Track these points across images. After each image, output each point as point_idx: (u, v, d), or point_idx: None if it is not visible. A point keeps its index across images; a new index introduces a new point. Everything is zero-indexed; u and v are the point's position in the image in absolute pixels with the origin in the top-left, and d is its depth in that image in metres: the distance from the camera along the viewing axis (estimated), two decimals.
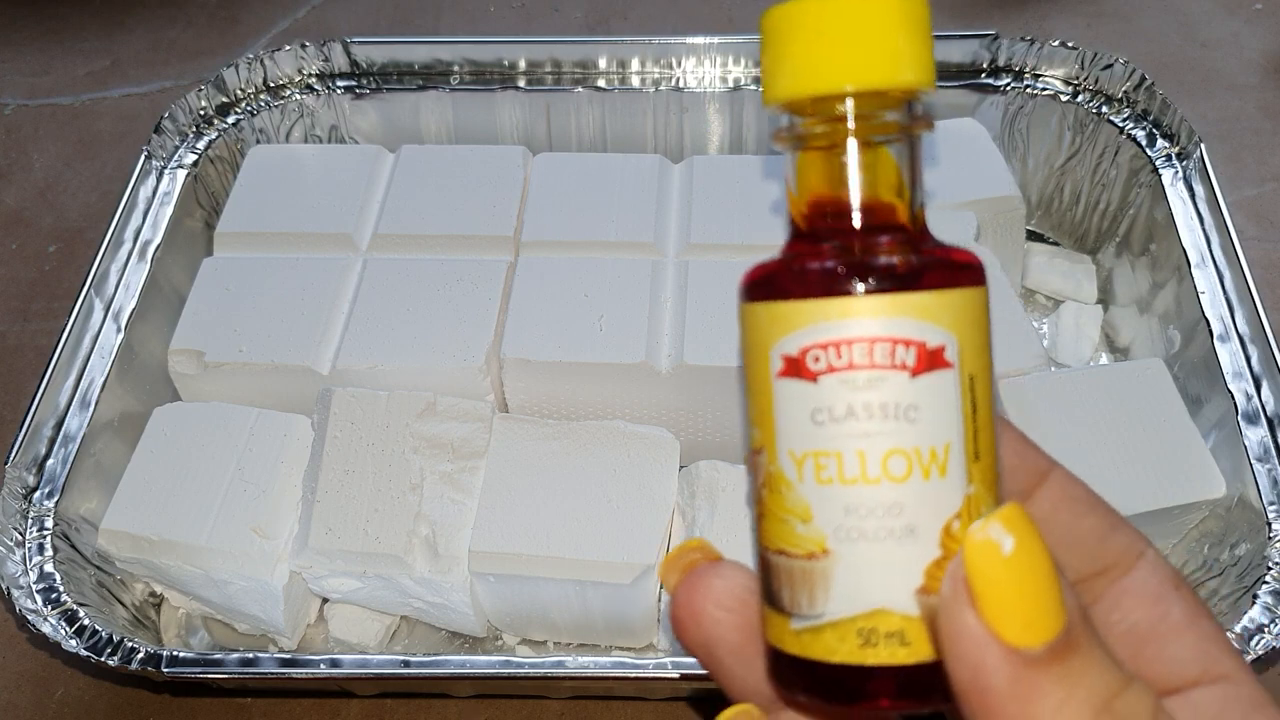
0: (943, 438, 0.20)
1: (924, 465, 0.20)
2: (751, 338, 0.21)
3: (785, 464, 0.21)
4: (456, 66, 0.64)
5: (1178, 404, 0.48)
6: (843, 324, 0.20)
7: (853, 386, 0.20)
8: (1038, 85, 0.61)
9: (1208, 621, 0.23)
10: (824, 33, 0.21)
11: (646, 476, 0.46)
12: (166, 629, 0.49)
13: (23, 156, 0.73)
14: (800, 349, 0.20)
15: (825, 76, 0.21)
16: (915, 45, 0.21)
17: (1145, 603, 0.23)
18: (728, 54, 0.62)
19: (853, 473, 0.20)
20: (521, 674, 0.42)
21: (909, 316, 0.20)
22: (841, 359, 0.20)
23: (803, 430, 0.20)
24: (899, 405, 0.20)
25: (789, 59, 0.21)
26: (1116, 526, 0.24)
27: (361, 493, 0.45)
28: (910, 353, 0.20)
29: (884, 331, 0.20)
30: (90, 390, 0.50)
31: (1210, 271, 0.52)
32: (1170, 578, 0.24)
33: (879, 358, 0.20)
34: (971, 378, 0.21)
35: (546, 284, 0.53)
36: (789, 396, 0.21)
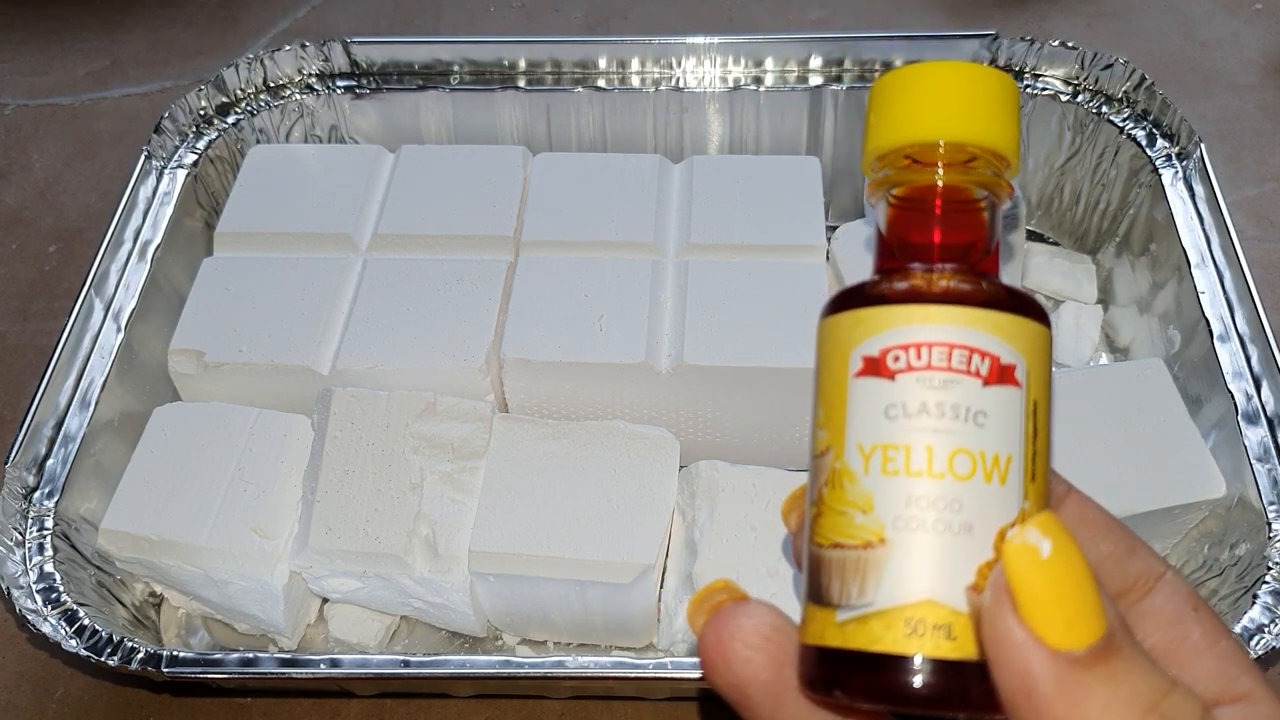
0: (1006, 448, 0.21)
1: (986, 469, 0.21)
2: (831, 345, 0.23)
3: (852, 457, 0.22)
4: (456, 66, 0.64)
5: (1178, 404, 0.48)
6: (925, 328, 0.22)
7: (928, 385, 0.21)
8: (1038, 85, 0.61)
9: (1227, 642, 0.23)
10: (926, 94, 0.24)
11: (646, 476, 0.46)
12: (166, 629, 0.49)
13: (23, 156, 0.73)
14: (881, 349, 0.22)
15: (929, 125, 0.24)
16: (1002, 118, 0.24)
17: (1164, 624, 0.23)
18: (728, 54, 0.62)
19: (919, 465, 0.21)
20: (521, 674, 0.42)
21: (987, 331, 0.21)
22: (920, 360, 0.21)
23: (875, 424, 0.22)
24: (970, 409, 0.21)
25: (894, 115, 0.24)
26: (1134, 549, 0.24)
27: (361, 493, 0.45)
28: (985, 363, 0.21)
29: (963, 339, 0.21)
30: (90, 390, 0.50)
31: (1210, 271, 0.52)
32: (1189, 599, 0.24)
33: (956, 362, 0.21)
34: (1035, 403, 0.22)
35: (546, 284, 0.53)
36: (864, 393, 0.22)
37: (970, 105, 0.24)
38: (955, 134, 0.23)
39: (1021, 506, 0.21)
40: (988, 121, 0.24)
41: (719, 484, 0.46)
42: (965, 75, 0.24)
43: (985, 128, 0.24)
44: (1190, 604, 0.24)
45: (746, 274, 0.52)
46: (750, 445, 0.52)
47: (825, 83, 0.62)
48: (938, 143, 0.24)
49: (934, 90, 0.24)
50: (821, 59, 0.62)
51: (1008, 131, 0.24)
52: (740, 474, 0.46)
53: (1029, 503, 0.21)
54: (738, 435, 0.52)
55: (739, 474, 0.46)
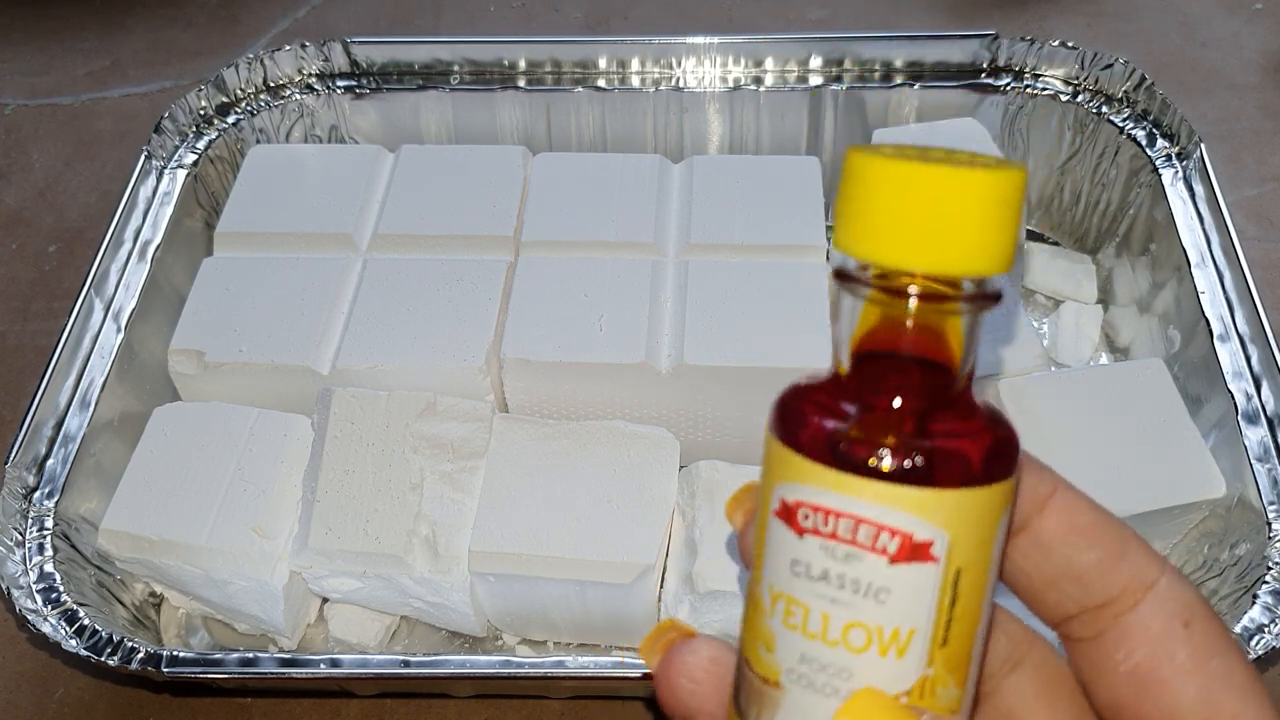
0: (908, 623, 0.20)
1: (883, 643, 0.20)
2: (765, 463, 0.22)
3: (764, 593, 0.21)
4: (456, 66, 0.64)
5: (1178, 404, 0.48)
6: (836, 495, 0.20)
7: (831, 555, 0.20)
8: (1038, 85, 0.61)
9: (1219, 661, 0.22)
10: (912, 203, 0.20)
11: (646, 476, 0.46)
12: (166, 629, 0.49)
13: (23, 156, 0.73)
14: (795, 501, 0.21)
15: (904, 251, 0.20)
16: (1003, 233, 0.20)
17: (1149, 642, 0.22)
18: (728, 54, 0.62)
19: (814, 629, 0.21)
20: (521, 674, 0.42)
21: (902, 509, 0.20)
22: (826, 526, 0.20)
23: (782, 573, 0.21)
24: (871, 585, 0.20)
25: (872, 216, 0.20)
26: (1125, 553, 0.23)
27: (361, 493, 0.45)
28: (894, 541, 0.20)
29: (872, 516, 0.20)
30: (90, 390, 0.50)
31: (1210, 271, 0.52)
32: (1180, 612, 0.22)
33: (861, 537, 0.20)
34: (959, 571, 0.21)
35: (546, 284, 0.53)
36: (777, 537, 0.21)
37: (964, 227, 0.20)
38: (942, 266, 0.20)
39: (922, 674, 0.21)
40: (984, 244, 0.20)
41: (719, 484, 0.46)
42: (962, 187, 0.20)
43: (981, 253, 0.20)
44: (1183, 617, 0.22)
45: (746, 274, 0.52)
46: (750, 445, 0.52)
47: (825, 83, 0.62)
48: (917, 274, 0.20)
49: (921, 206, 0.20)
50: (821, 59, 0.62)
51: (1006, 249, 0.20)
52: (740, 474, 0.46)
53: (934, 668, 0.21)
54: (738, 435, 0.52)
55: (739, 474, 0.46)
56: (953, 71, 0.62)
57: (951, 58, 0.62)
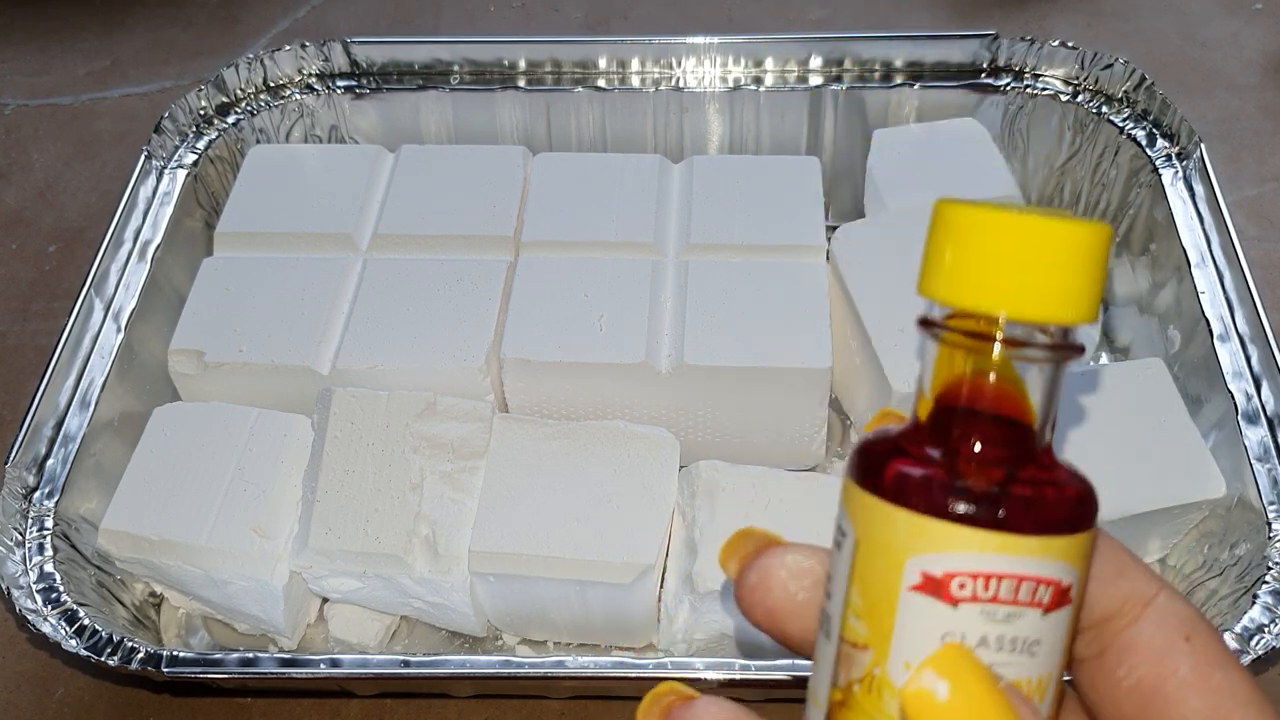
0: (1049, 669, 0.21)
1: (1029, 694, 0.21)
2: (882, 539, 0.21)
3: (896, 672, 0.21)
4: (456, 66, 0.64)
5: (1178, 404, 0.48)
6: (996, 559, 0.20)
7: (992, 619, 0.20)
8: (1038, 85, 0.61)
9: (1223, 674, 0.22)
10: (1002, 250, 0.21)
11: (646, 476, 0.46)
12: (166, 629, 0.49)
13: (23, 156, 0.73)
14: (945, 573, 0.20)
15: (1002, 298, 0.21)
16: (1089, 283, 0.21)
17: (1151, 657, 0.22)
18: (728, 54, 0.62)
19: None
20: (521, 674, 0.42)
21: (1055, 559, 0.20)
22: (988, 591, 0.20)
23: (928, 648, 0.20)
24: (1028, 640, 0.20)
25: (963, 263, 0.21)
26: (1124, 570, 0.23)
27: (361, 493, 0.45)
28: (1048, 592, 0.20)
29: (1034, 571, 0.20)
30: (90, 390, 0.50)
31: (1210, 271, 0.52)
32: (1181, 626, 0.22)
33: (1023, 595, 0.20)
34: (1077, 609, 0.21)
35: (546, 284, 0.53)
36: (920, 612, 0.20)
37: (1057, 276, 0.20)
38: (1036, 313, 0.20)
39: (1046, 715, 0.21)
40: (1075, 294, 0.21)
41: (719, 484, 0.45)
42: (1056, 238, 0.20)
43: (1072, 302, 0.21)
44: (1183, 632, 0.22)
45: (746, 274, 0.52)
46: (750, 445, 0.52)
47: (825, 83, 0.62)
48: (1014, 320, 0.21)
49: (1018, 253, 0.20)
50: (821, 59, 0.62)
51: (1094, 299, 0.21)
52: (740, 474, 0.46)
53: (1051, 708, 0.21)
54: (738, 435, 0.52)
55: (739, 474, 0.46)
56: (953, 71, 0.62)
57: (951, 58, 0.62)
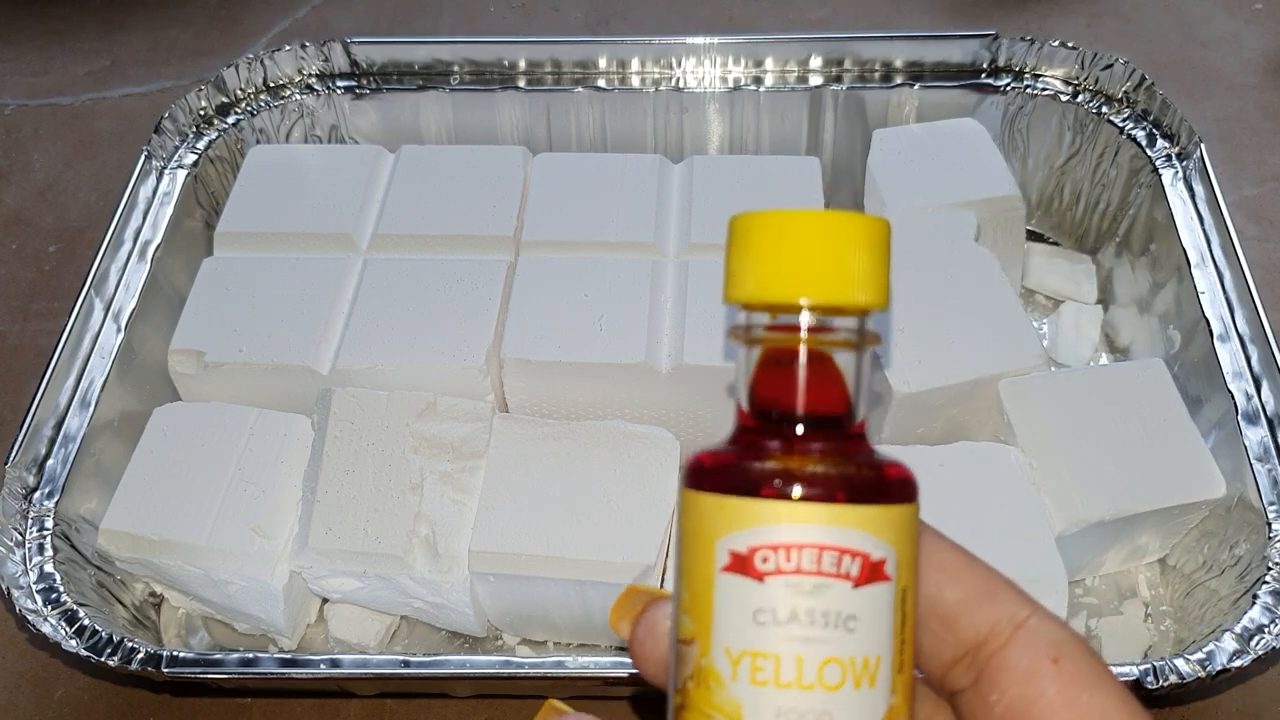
0: (875, 650, 0.21)
1: (856, 675, 0.20)
2: (694, 526, 0.21)
3: (720, 660, 0.21)
4: (456, 66, 0.64)
5: (1178, 404, 0.48)
6: (795, 529, 0.20)
7: (799, 591, 0.20)
8: (1038, 85, 0.61)
9: (1089, 696, 0.22)
10: (790, 246, 0.22)
11: (646, 476, 0.46)
12: (166, 629, 0.49)
13: (23, 156, 0.73)
14: (749, 547, 0.21)
15: (787, 287, 0.22)
16: (873, 268, 0.22)
17: (1019, 679, 0.22)
18: (728, 54, 0.62)
19: (788, 677, 0.20)
20: (521, 674, 0.42)
21: (857, 529, 0.20)
22: (790, 563, 0.20)
23: (743, 629, 0.21)
24: (840, 614, 0.20)
25: (754, 264, 0.22)
26: (993, 595, 0.23)
27: (361, 493, 0.45)
28: (855, 563, 0.20)
29: (834, 540, 0.20)
30: (90, 390, 0.50)
31: (1210, 271, 0.52)
32: (1049, 648, 0.22)
33: (826, 565, 0.20)
34: (904, 591, 0.21)
35: (546, 284, 0.53)
36: (732, 592, 0.21)
37: (837, 262, 0.22)
38: (821, 296, 0.22)
39: (889, 703, 0.21)
40: (857, 278, 0.22)
41: None
42: (832, 228, 0.22)
43: (855, 286, 0.22)
44: (1050, 654, 0.22)
45: None
46: None
47: (825, 83, 0.62)
48: (800, 305, 0.22)
49: (798, 245, 0.22)
50: (821, 59, 0.62)
51: (878, 284, 0.22)
52: None
53: (895, 697, 0.21)
54: None
55: None
56: (953, 71, 0.62)
57: (951, 58, 0.62)
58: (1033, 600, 0.23)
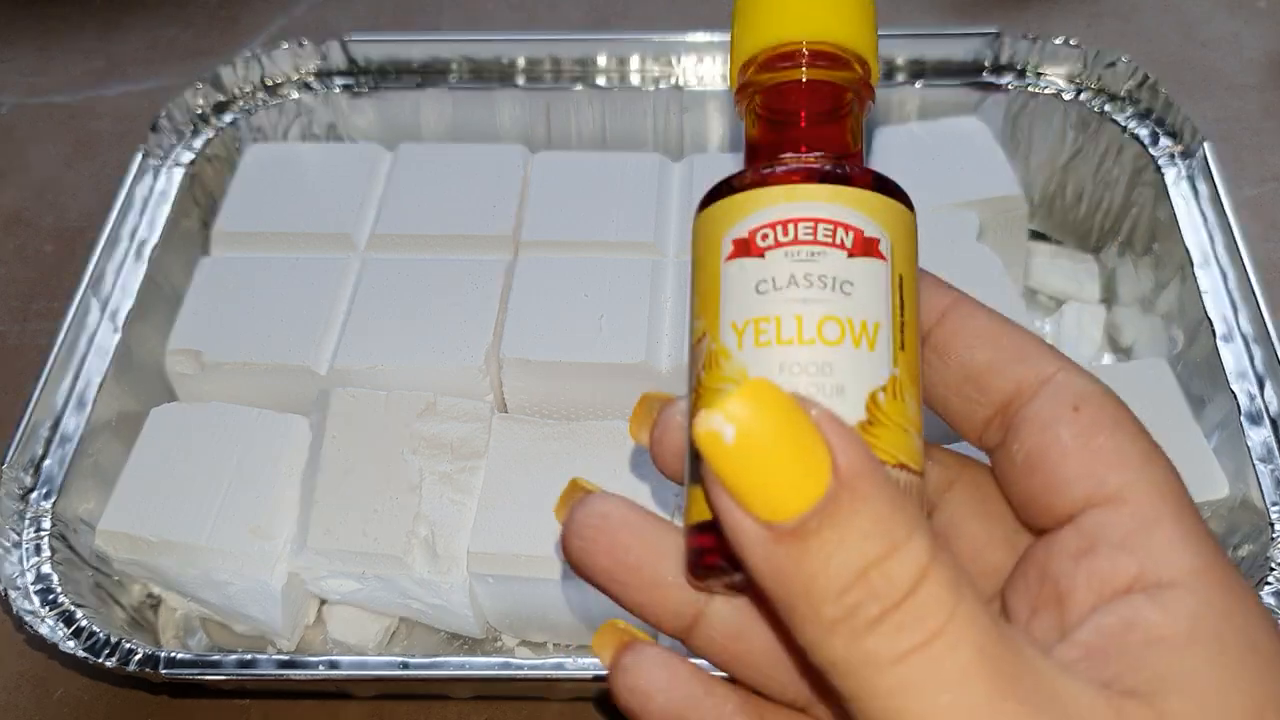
0: (874, 316, 0.22)
1: (855, 335, 0.22)
2: (704, 236, 0.24)
3: (726, 336, 0.22)
4: (455, 64, 0.63)
5: (1180, 404, 0.48)
6: (792, 205, 0.22)
7: (795, 259, 0.22)
8: (1040, 84, 0.61)
9: (1106, 437, 0.22)
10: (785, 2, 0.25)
11: (646, 477, 0.46)
12: (164, 630, 0.49)
13: (21, 156, 0.73)
14: (750, 230, 0.23)
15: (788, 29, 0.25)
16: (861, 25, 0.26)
17: (1037, 429, 0.23)
18: (728, 52, 0.62)
19: (789, 334, 0.22)
20: (521, 675, 0.41)
21: (850, 206, 0.22)
22: (788, 235, 0.22)
23: (746, 302, 0.22)
24: (836, 278, 0.22)
25: (758, 22, 0.26)
26: (1024, 356, 0.23)
27: (360, 493, 0.45)
28: (849, 236, 0.22)
29: (827, 214, 0.22)
30: (88, 390, 0.50)
31: (1214, 271, 0.52)
32: (1071, 398, 0.22)
33: (821, 235, 0.22)
34: (901, 278, 0.23)
35: (546, 284, 0.52)
36: (736, 274, 0.23)
37: (829, 10, 0.25)
38: (816, 34, 0.25)
39: (892, 373, 0.22)
40: (847, 26, 0.25)
41: None
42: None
43: (845, 30, 0.25)
44: (1072, 403, 0.22)
45: None
46: None
47: None
48: (801, 44, 0.25)
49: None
50: None
51: (866, 35, 0.26)
52: None
53: (899, 370, 0.22)
54: None
55: None
56: (954, 69, 0.62)
57: (953, 55, 0.62)
58: (1064, 357, 0.23)
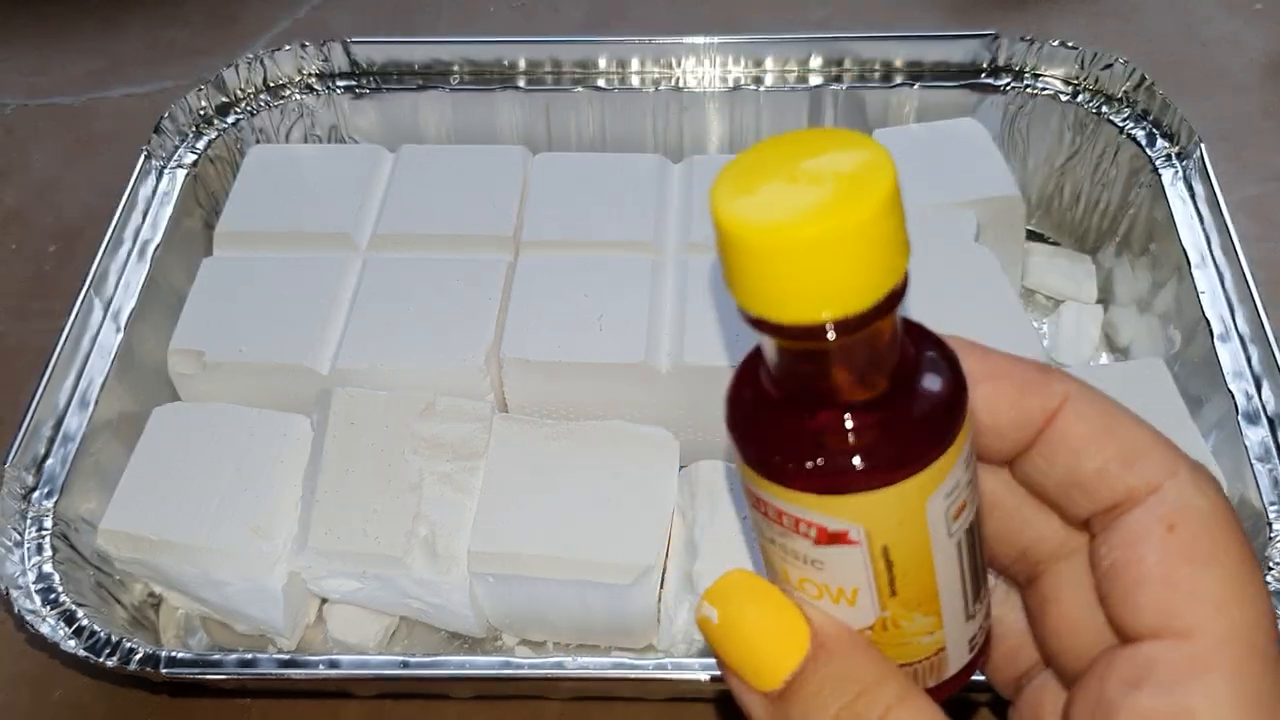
0: (850, 583, 0.23)
1: (832, 595, 0.24)
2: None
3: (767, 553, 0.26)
4: (456, 66, 0.64)
5: (1178, 404, 0.48)
6: (764, 491, 0.23)
7: (774, 529, 0.24)
8: (1038, 85, 0.61)
9: (1189, 568, 0.21)
10: (802, 260, 0.19)
11: (646, 476, 0.46)
12: (165, 629, 0.49)
13: (22, 156, 0.73)
14: (746, 487, 0.24)
15: (805, 308, 0.20)
16: (891, 252, 0.20)
17: (1127, 541, 0.22)
18: (728, 54, 0.62)
19: (778, 578, 0.25)
20: (521, 675, 0.42)
21: (811, 509, 0.22)
22: (766, 512, 0.24)
23: (768, 534, 0.25)
24: (807, 556, 0.23)
25: (764, 279, 0.20)
26: (1134, 460, 0.22)
27: (361, 493, 0.45)
28: (812, 530, 0.23)
29: (790, 510, 0.23)
30: (89, 390, 0.50)
31: (1210, 271, 0.52)
32: (1171, 514, 0.21)
33: (786, 524, 0.23)
34: (885, 547, 0.23)
35: (546, 284, 0.52)
36: (756, 518, 0.25)
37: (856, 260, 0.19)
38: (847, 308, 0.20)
39: (879, 615, 0.24)
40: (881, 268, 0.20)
41: (719, 484, 0.45)
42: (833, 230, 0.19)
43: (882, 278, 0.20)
44: (1167, 521, 0.21)
45: None
46: None
47: (825, 83, 0.62)
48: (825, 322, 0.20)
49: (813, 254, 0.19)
50: (821, 59, 0.62)
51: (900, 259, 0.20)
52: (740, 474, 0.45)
53: (889, 610, 0.24)
54: None
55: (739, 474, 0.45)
56: (953, 71, 0.62)
57: (951, 57, 0.62)
58: (1179, 462, 0.22)
